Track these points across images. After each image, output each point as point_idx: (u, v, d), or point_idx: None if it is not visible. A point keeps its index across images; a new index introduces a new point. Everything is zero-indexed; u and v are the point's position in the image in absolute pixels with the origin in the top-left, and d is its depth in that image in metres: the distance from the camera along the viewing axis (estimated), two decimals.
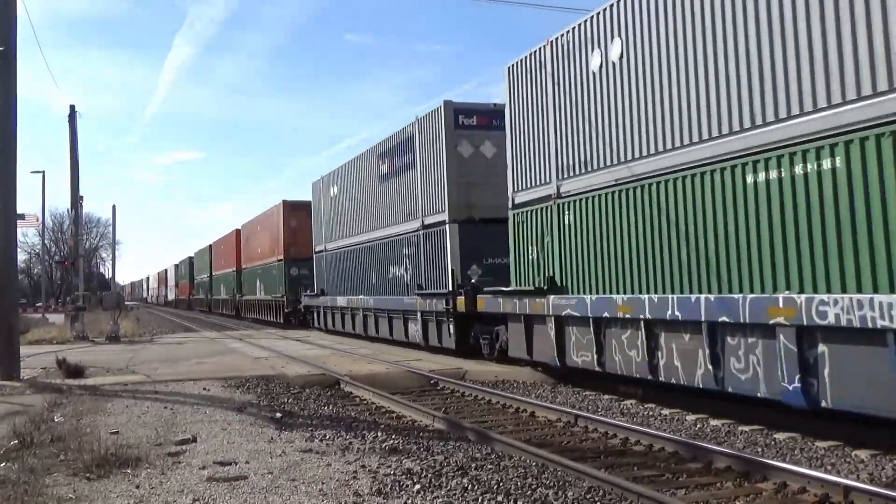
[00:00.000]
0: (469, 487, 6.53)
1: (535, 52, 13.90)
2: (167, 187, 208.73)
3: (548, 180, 13.43)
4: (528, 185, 14.08)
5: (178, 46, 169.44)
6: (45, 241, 69.18)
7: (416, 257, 19.37)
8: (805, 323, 8.00)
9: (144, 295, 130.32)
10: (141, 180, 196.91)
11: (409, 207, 19.89)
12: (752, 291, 8.90)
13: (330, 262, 27.51)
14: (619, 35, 11.48)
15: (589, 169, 12.25)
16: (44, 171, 41.95)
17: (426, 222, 18.82)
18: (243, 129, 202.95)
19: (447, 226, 17.55)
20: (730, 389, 9.28)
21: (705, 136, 9.81)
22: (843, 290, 7.76)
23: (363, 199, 23.69)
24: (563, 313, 12.38)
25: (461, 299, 16.49)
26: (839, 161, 7.93)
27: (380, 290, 21.87)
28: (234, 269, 47.17)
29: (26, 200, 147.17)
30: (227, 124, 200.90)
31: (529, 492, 6.44)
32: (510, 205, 14.71)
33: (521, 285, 14.03)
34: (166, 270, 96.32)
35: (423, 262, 18.81)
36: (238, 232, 47.00)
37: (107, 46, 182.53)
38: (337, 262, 26.60)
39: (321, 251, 29.01)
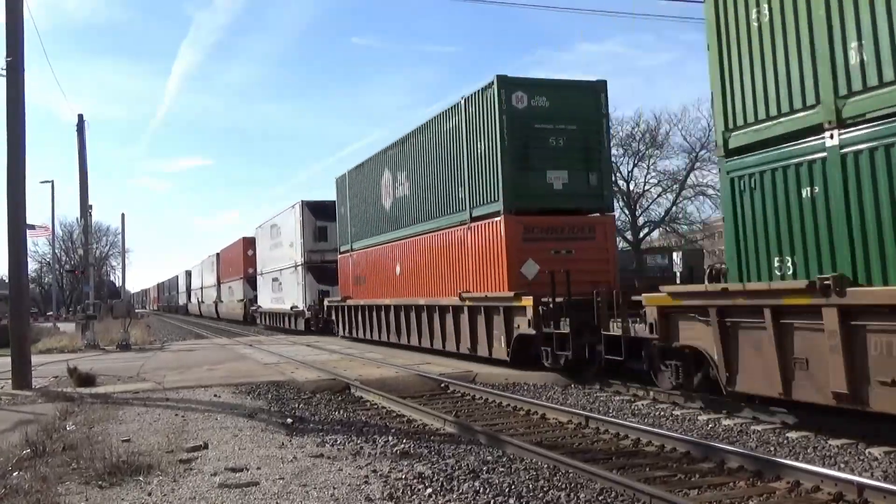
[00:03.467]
0: (481, 491, 6.52)
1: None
2: (175, 195, 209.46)
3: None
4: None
5: (184, 53, 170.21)
6: (56, 251, 69.60)
7: None
8: None
9: (184, 301, 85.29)
10: (149, 188, 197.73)
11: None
12: None
13: None
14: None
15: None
16: (53, 181, 42.29)
17: None
18: (250, 134, 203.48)
19: None
20: None
21: None
22: None
23: None
24: None
25: None
26: None
27: None
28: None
29: (36, 210, 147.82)
30: (234, 130, 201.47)
31: (541, 494, 6.42)
32: None
33: None
34: (244, 241, 47.42)
35: None
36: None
37: (113, 55, 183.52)
38: None
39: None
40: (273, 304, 39.34)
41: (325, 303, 29.48)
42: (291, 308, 34.38)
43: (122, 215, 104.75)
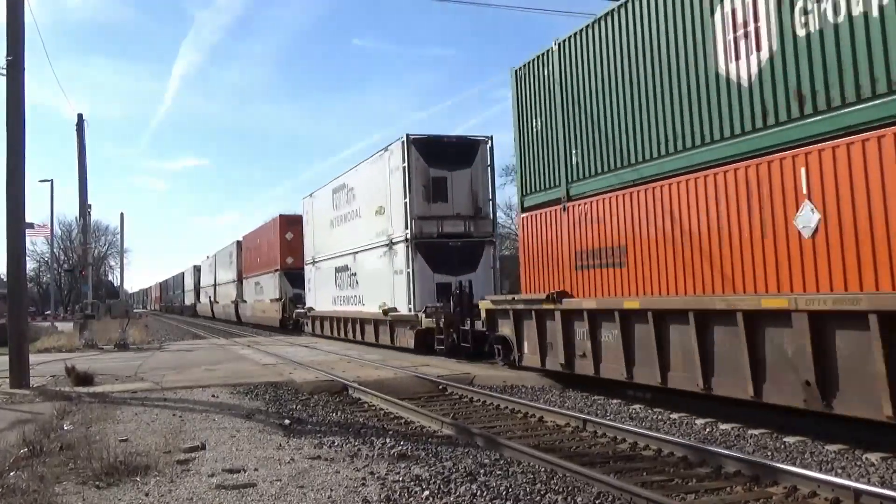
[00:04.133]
0: (478, 493, 6.52)
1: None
2: (174, 194, 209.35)
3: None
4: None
5: (185, 53, 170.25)
6: (54, 250, 69.54)
7: None
8: None
9: (191, 301, 72.97)
10: (148, 187, 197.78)
11: None
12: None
13: None
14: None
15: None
16: (52, 180, 42.24)
17: None
18: (250, 135, 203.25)
19: None
20: None
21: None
22: None
23: None
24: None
25: None
26: None
27: None
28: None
29: (35, 209, 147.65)
30: (234, 131, 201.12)
31: (538, 498, 6.42)
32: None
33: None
34: (281, 221, 37.24)
35: None
36: None
37: (113, 54, 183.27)
38: None
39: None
40: (340, 306, 26.62)
41: (488, 304, 15.78)
42: (386, 312, 21.40)
43: (121, 215, 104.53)
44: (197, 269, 70.60)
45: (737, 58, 9.73)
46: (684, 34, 10.65)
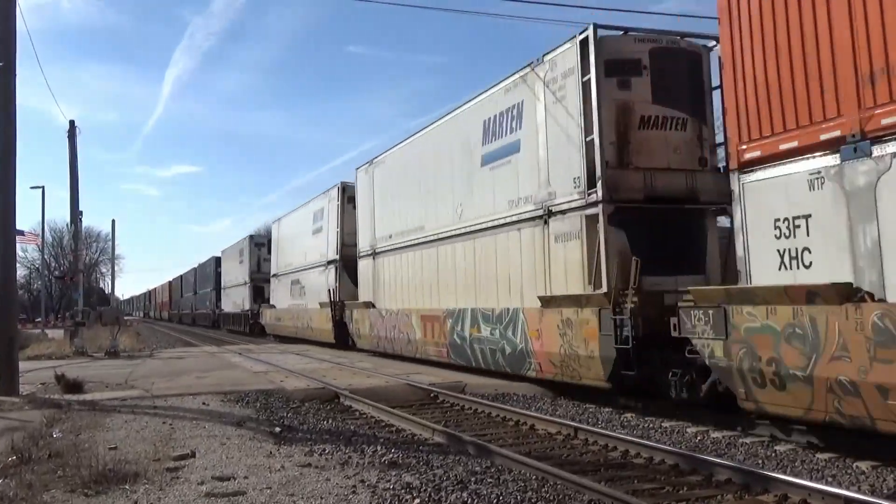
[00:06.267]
0: (469, 501, 6.51)
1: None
2: (167, 201, 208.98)
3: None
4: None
5: (178, 59, 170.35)
6: (45, 257, 69.23)
7: None
8: None
9: (242, 305, 43.35)
10: (140, 194, 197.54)
11: None
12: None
13: None
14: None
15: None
16: (43, 187, 41.94)
17: None
18: (243, 142, 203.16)
19: None
20: None
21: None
22: None
23: None
24: None
25: None
26: None
27: None
28: None
29: (26, 215, 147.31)
30: (227, 137, 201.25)
31: None
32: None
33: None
34: None
35: None
36: None
37: (106, 59, 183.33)
38: None
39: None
40: None
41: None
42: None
43: (113, 222, 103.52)
44: (257, 245, 41.75)
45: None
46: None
